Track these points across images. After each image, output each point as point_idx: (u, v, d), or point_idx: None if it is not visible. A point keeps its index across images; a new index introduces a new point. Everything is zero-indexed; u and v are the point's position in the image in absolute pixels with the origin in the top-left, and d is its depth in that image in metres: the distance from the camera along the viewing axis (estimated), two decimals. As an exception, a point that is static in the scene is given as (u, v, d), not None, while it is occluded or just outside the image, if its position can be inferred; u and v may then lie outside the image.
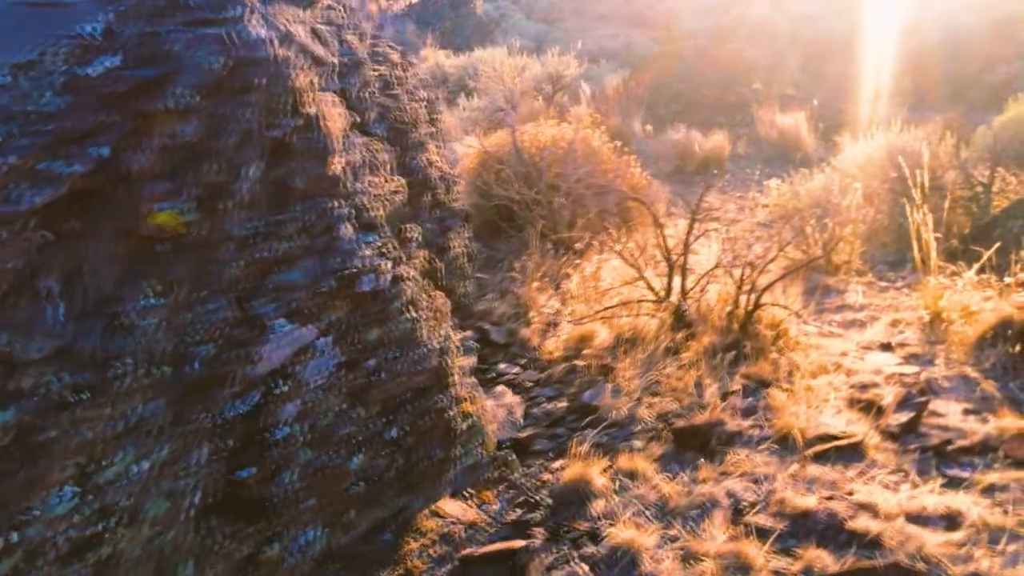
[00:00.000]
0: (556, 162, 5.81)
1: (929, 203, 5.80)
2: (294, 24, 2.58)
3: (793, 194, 6.82)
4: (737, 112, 9.37)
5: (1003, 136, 7.21)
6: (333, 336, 2.26)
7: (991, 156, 6.14)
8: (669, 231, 5.96)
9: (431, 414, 2.51)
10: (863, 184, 6.47)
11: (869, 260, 5.46)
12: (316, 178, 2.36)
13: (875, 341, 3.88)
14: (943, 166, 6.32)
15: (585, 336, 3.93)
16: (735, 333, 3.77)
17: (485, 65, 11.67)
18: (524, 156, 5.47)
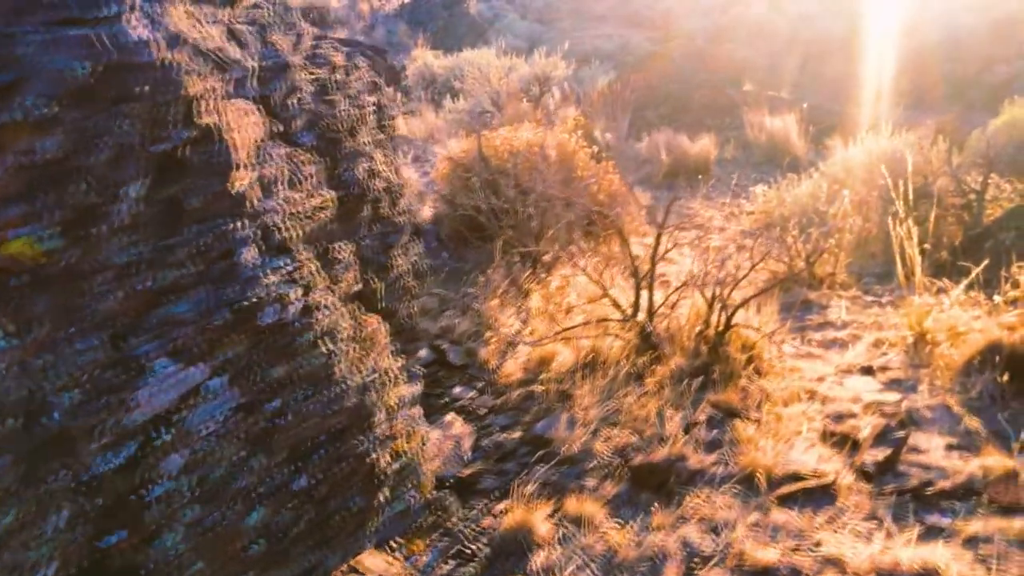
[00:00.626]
0: (528, 169, 5.55)
1: (919, 211, 5.56)
2: (201, 24, 2.32)
3: (779, 201, 6.56)
4: (727, 115, 9.11)
5: (997, 141, 6.96)
6: (228, 376, 2.01)
7: (984, 162, 5.88)
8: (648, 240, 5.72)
9: (349, 459, 2.26)
10: (852, 191, 6.22)
11: (856, 272, 5.21)
12: (215, 196, 2.11)
13: (856, 364, 3.62)
14: (935, 172, 6.07)
15: (546, 358, 3.67)
16: (704, 356, 3.51)
17: (471, 66, 11.42)
18: (490, 163, 5.22)
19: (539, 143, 5.76)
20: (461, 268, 4.88)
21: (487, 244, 4.98)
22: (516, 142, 5.77)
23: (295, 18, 3.25)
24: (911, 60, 19.10)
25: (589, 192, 5.56)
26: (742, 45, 23.27)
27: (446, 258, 5.01)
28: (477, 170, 5.19)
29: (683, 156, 7.70)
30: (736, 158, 8.34)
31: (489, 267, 4.66)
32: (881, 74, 19.15)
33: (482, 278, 4.48)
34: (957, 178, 5.79)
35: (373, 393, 2.45)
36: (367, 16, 20.81)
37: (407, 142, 10.15)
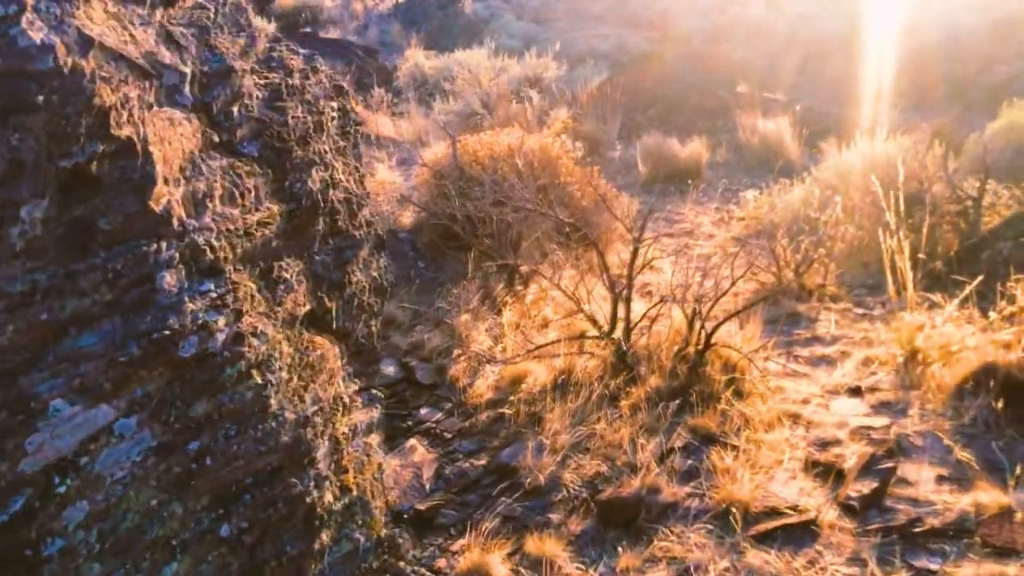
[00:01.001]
0: (508, 174, 5.37)
1: (914, 218, 5.37)
2: (125, 26, 2.14)
3: (770, 207, 6.38)
4: (719, 117, 8.92)
5: (995, 145, 6.77)
6: (141, 415, 1.82)
7: (981, 168, 5.69)
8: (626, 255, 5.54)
9: (283, 501, 2.07)
10: (845, 197, 6.03)
11: (847, 282, 5.02)
12: (133, 216, 1.92)
13: (844, 384, 3.43)
14: (930, 177, 5.88)
15: (519, 377, 3.49)
16: (683, 376, 3.32)
17: (461, 67, 11.23)
18: (465, 170, 5.03)
19: (521, 148, 5.57)
20: (436, 279, 4.69)
21: (464, 254, 4.80)
22: (497, 147, 5.59)
23: (247, 19, 3.04)
24: (911, 60, 18.90)
25: (571, 199, 5.37)
26: (740, 45, 23.08)
27: (422, 268, 4.82)
28: (453, 177, 5.00)
29: (673, 160, 7.51)
30: (728, 161, 8.15)
31: (464, 278, 4.47)
32: (880, 74, 18.95)
33: (456, 290, 4.29)
34: (953, 184, 5.61)
35: (317, 425, 2.27)
36: (361, 16, 20.62)
37: (395, 144, 9.96)
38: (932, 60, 19.95)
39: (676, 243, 6.16)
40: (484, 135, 5.86)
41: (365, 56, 14.80)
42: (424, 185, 5.91)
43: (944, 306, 3.81)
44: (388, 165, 8.61)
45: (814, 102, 20.34)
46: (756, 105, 8.51)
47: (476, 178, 4.97)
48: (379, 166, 8.53)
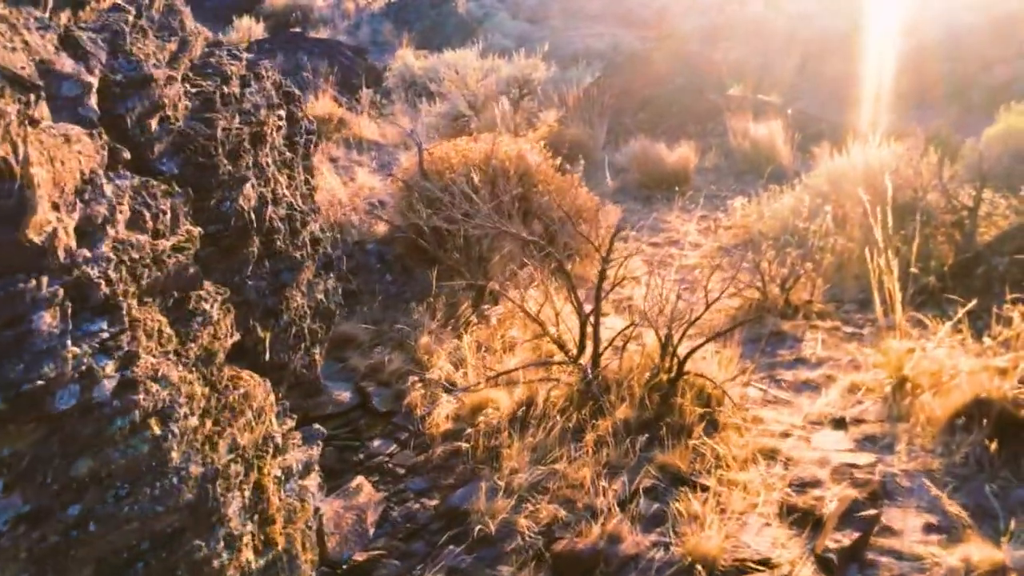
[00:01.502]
0: (485, 183, 5.14)
1: (907, 229, 5.15)
2: (14, 32, 1.90)
3: (758, 215, 6.15)
4: (710, 120, 8.69)
5: (991, 151, 6.55)
6: (8, 478, 1.59)
7: (977, 176, 5.46)
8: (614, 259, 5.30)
9: (184, 568, 1.84)
10: (836, 205, 5.81)
11: (836, 297, 4.79)
12: (5, 248, 1.69)
13: (827, 413, 3.20)
14: (924, 185, 5.65)
15: (480, 405, 3.26)
16: (654, 407, 3.09)
17: (448, 68, 11.00)
18: (432, 180, 4.79)
19: (496, 155, 5.34)
20: (402, 294, 4.46)
21: (433, 268, 4.56)
22: (472, 154, 5.35)
23: (181, 22, 2.80)
24: (910, 60, 18.70)
25: (548, 209, 5.14)
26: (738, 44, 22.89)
27: (388, 282, 4.59)
28: (419, 188, 4.77)
29: (661, 165, 7.28)
30: (718, 166, 7.92)
31: (432, 295, 4.24)
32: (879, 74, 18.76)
33: (421, 308, 4.06)
34: (948, 193, 5.38)
35: (232, 476, 2.04)
36: (352, 15, 20.37)
37: (378, 147, 9.73)
38: (931, 60, 19.74)
39: (660, 253, 5.93)
40: (460, 141, 5.63)
41: (353, 56, 14.56)
42: (399, 194, 5.69)
43: (936, 327, 3.59)
44: (369, 169, 8.38)
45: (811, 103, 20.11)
46: (748, 108, 8.28)
47: (448, 188, 4.73)
48: (360, 171, 8.31)
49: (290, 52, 13.48)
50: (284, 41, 13.88)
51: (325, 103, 9.73)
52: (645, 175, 7.33)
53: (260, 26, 16.34)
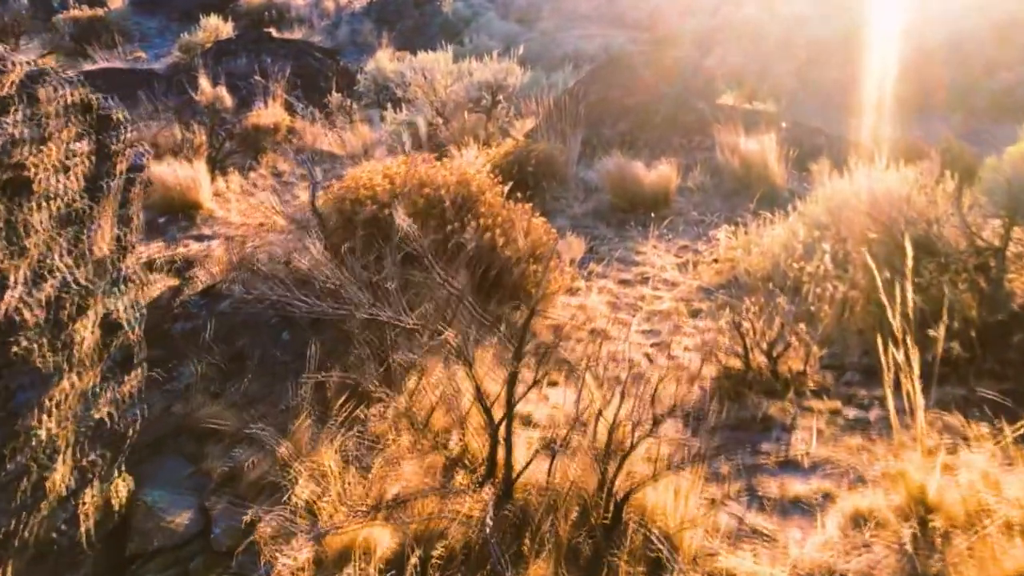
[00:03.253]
0: (415, 216, 4.27)
1: (923, 276, 4.29)
2: None
3: (746, 249, 5.28)
4: (696, 132, 7.82)
5: (1018, 175, 5.68)
6: None
7: (1006, 203, 4.59)
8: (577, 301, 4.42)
9: None
10: (836, 239, 4.95)
11: (836, 360, 3.93)
12: None
13: (823, 563, 2.33)
14: (940, 217, 4.78)
15: (349, 549, 2.38)
16: (586, 559, 2.23)
17: (414, 72, 10.13)
18: (326, 222, 3.91)
19: (433, 181, 4.47)
20: (296, 362, 3.58)
21: (336, 327, 3.69)
22: (401, 179, 4.48)
23: None
24: (910, 64, 17.87)
25: (489, 249, 4.27)
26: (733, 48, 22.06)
27: (284, 343, 3.72)
28: (314, 229, 3.89)
29: (637, 186, 6.41)
30: (703, 186, 7.05)
31: (328, 366, 3.37)
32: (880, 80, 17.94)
33: (303, 392, 3.18)
34: (969, 229, 4.51)
35: None
36: (331, 14, 19.50)
37: (333, 160, 8.87)
38: (933, 64, 18.92)
39: (630, 294, 5.07)
40: (392, 162, 4.75)
41: (323, 58, 13.69)
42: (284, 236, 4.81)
43: (965, 425, 2.73)
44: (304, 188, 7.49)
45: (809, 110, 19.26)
46: (739, 119, 7.41)
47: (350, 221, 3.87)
48: (305, 188, 7.44)
49: (254, 54, 12.61)
50: (248, 42, 13.01)
51: (275, 111, 8.86)
52: (620, 197, 6.47)
53: (229, 26, 15.47)
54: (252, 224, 6.34)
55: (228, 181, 7.43)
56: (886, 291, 4.23)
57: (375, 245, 3.98)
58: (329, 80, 13.23)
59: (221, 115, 8.64)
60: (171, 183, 6.45)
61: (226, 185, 7.34)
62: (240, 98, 8.94)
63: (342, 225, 4.16)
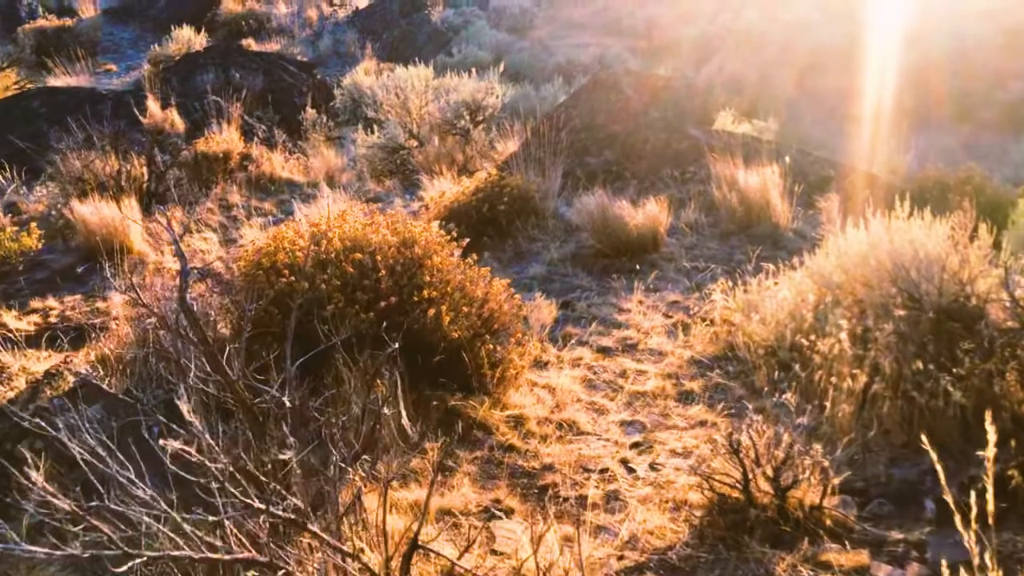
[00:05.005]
0: (342, 289, 3.50)
1: (961, 363, 3.52)
2: None
3: (745, 310, 4.51)
4: (690, 162, 7.06)
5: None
6: None
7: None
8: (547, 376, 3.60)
9: None
10: (852, 305, 4.19)
11: (857, 480, 3.15)
12: None
13: None
14: (974, 278, 4.00)
15: None
16: None
17: (388, 90, 9.38)
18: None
19: (360, 243, 3.70)
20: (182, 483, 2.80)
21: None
22: (335, 241, 3.71)
23: None
24: (916, 73, 17.11)
25: (431, 326, 3.50)
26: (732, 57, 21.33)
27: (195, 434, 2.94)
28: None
29: (622, 229, 5.65)
30: (698, 224, 6.29)
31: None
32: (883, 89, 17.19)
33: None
34: (1015, 299, 3.73)
35: None
36: (314, 24, 18.76)
37: (291, 187, 8.11)
38: (939, 73, 18.16)
39: (608, 367, 4.30)
40: (320, 218, 3.98)
41: (298, 71, 12.95)
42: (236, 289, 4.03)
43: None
44: (262, 223, 6.75)
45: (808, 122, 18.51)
46: (737, 148, 6.66)
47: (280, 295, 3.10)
48: (253, 224, 6.69)
49: (222, 68, 11.87)
50: (217, 55, 12.26)
51: (231, 135, 8.09)
52: (603, 241, 5.71)
53: (201, 37, 14.73)
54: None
55: (168, 218, 6.66)
56: (917, 385, 3.47)
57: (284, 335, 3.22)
58: (304, 96, 12.49)
59: (172, 140, 7.88)
60: (94, 225, 5.68)
61: (167, 223, 6.57)
62: (193, 121, 8.19)
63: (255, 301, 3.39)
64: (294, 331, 3.03)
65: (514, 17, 24.67)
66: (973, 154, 16.46)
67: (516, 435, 3.56)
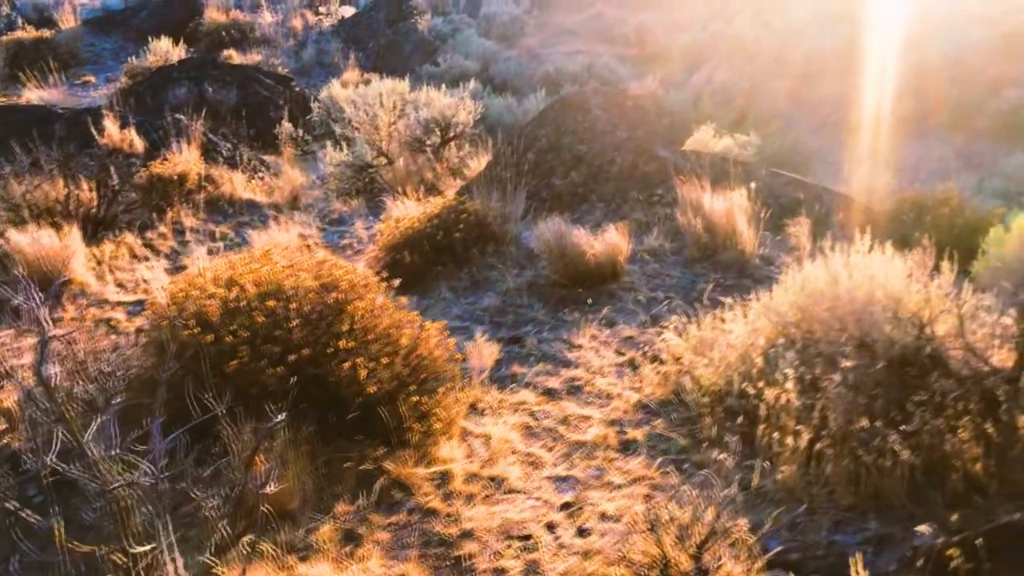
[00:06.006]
0: (251, 340, 3.28)
1: (911, 418, 3.29)
2: None
3: (697, 351, 4.28)
4: (658, 185, 6.83)
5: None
6: None
7: (1019, 315, 3.59)
8: (485, 424, 3.37)
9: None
10: (805, 347, 3.97)
11: (798, 544, 2.92)
12: None
13: None
14: (935, 319, 3.77)
15: None
16: None
17: (351, 106, 9.17)
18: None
19: (276, 288, 3.48)
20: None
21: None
22: (246, 283, 3.49)
23: None
24: (911, 80, 16.89)
25: (344, 383, 3.28)
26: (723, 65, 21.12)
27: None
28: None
29: (579, 258, 5.43)
30: (661, 252, 6.06)
31: None
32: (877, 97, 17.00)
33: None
34: (970, 347, 3.50)
35: None
36: (299, 34, 18.57)
37: (252, 209, 7.89)
38: (934, 80, 17.95)
39: (551, 413, 4.07)
40: (242, 259, 3.76)
41: (275, 84, 12.75)
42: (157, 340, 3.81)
43: None
44: (214, 246, 6.54)
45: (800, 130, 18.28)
46: (705, 170, 6.44)
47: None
48: (203, 249, 6.47)
49: (195, 82, 11.68)
50: (191, 69, 12.07)
51: (192, 155, 7.88)
52: (560, 272, 5.49)
53: (180, 49, 14.55)
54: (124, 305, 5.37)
55: (118, 244, 6.46)
56: (864, 443, 3.25)
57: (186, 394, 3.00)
58: (280, 109, 12.29)
59: (131, 161, 7.68)
60: (31, 256, 5.47)
61: (115, 249, 6.37)
62: (152, 141, 7.99)
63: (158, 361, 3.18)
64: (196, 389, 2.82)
65: (504, 24, 24.48)
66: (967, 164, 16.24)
67: (439, 495, 3.33)
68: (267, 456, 2.92)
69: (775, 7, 22.87)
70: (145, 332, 3.28)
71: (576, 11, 27.34)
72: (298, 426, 3.20)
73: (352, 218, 7.64)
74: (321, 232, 7.25)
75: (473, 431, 3.88)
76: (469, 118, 8.92)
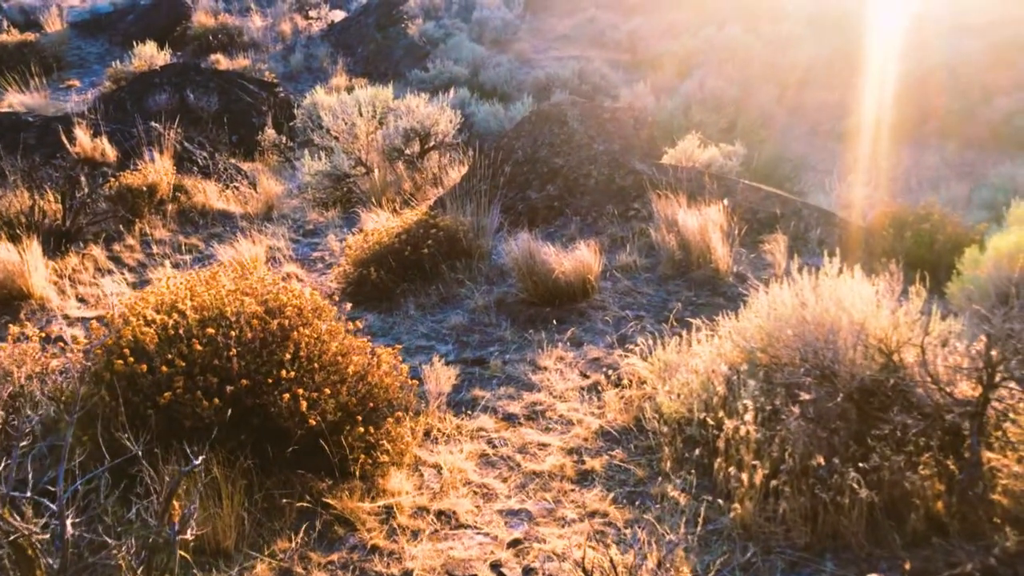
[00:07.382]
0: (187, 371, 3.17)
1: (872, 454, 3.18)
2: None
3: (660, 376, 4.18)
4: (635, 199, 6.73)
5: (1001, 277, 4.58)
6: None
7: (985, 346, 3.48)
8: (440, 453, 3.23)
9: None
10: (769, 375, 3.87)
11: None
12: None
13: None
14: (903, 346, 3.66)
15: None
16: None
17: (329, 113, 9.05)
18: None
19: (218, 314, 3.37)
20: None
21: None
22: (202, 306, 3.38)
23: None
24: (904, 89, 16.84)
25: (285, 416, 3.16)
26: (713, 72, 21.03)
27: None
28: None
29: (548, 276, 5.32)
30: (635, 268, 5.96)
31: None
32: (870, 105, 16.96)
33: None
34: (935, 381, 3.39)
35: None
36: (288, 38, 18.46)
37: (225, 220, 7.78)
38: (928, 88, 17.92)
39: (511, 439, 3.96)
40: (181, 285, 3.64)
41: (259, 90, 12.64)
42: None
43: None
44: (182, 259, 6.43)
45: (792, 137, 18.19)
46: (683, 184, 6.34)
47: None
48: (170, 263, 6.35)
49: (177, 89, 11.57)
50: (173, 74, 11.95)
51: (164, 164, 7.76)
52: (529, 290, 5.38)
53: (164, 54, 14.43)
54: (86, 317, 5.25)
55: (83, 257, 6.34)
56: (822, 480, 3.14)
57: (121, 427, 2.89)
58: (263, 115, 12.19)
59: (102, 170, 7.56)
60: (-12, 270, 5.35)
61: (79, 262, 6.25)
62: (125, 150, 7.86)
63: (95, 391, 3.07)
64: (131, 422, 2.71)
65: (497, 29, 24.39)
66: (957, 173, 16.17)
67: (383, 532, 3.22)
68: (196, 493, 2.80)
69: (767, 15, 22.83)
70: (88, 357, 3.16)
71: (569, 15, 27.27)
72: (235, 459, 3.09)
73: (327, 229, 7.53)
74: (293, 244, 7.13)
75: (426, 460, 3.77)
76: (450, 127, 8.81)
